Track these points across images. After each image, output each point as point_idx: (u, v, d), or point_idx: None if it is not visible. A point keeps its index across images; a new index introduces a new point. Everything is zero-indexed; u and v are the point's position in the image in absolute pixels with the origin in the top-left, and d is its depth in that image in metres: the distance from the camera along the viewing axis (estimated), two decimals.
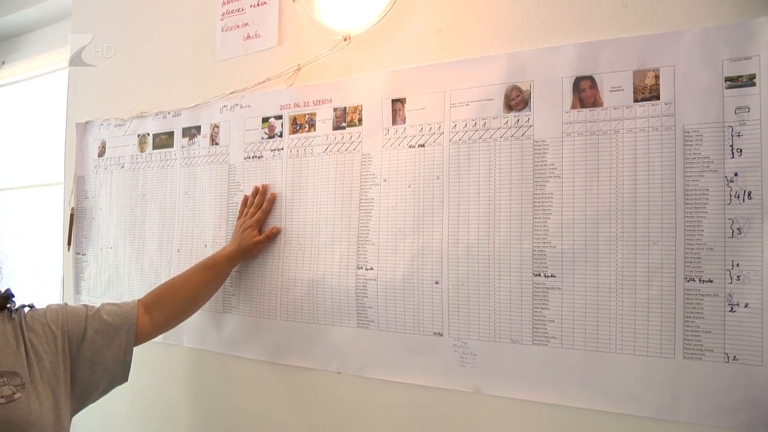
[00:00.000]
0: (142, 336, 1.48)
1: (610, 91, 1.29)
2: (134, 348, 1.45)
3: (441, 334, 1.45)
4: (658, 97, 1.24)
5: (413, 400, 1.49)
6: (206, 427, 1.89)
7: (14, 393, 1.18)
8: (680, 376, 1.20)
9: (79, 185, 2.29)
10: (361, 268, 1.57)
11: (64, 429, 1.30)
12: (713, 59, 1.19)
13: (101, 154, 2.23)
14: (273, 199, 1.73)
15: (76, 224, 2.29)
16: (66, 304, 1.42)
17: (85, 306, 1.44)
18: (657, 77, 1.24)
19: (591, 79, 1.31)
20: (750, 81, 1.16)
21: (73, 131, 2.33)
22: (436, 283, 1.46)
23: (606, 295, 1.27)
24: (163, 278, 1.97)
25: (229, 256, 1.66)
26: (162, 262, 2.00)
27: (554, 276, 1.33)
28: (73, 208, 2.29)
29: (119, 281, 2.12)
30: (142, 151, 2.11)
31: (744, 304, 1.15)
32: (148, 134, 2.09)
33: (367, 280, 1.56)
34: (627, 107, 1.27)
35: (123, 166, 2.16)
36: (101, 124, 2.24)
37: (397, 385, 1.51)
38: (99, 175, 2.23)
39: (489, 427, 1.40)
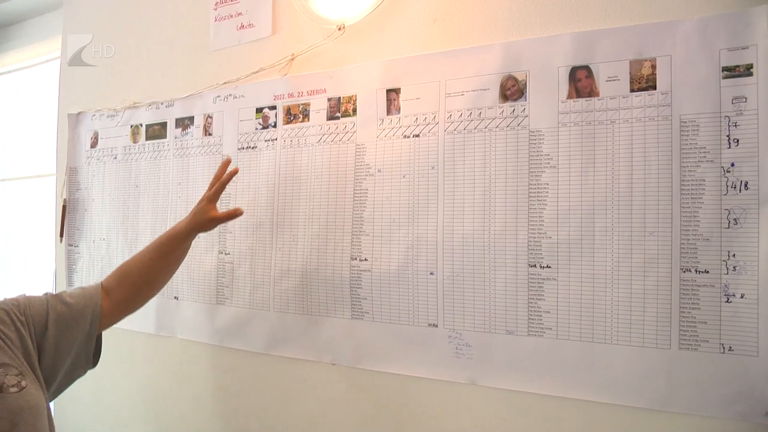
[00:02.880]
0: (109, 318, 1.40)
1: (607, 80, 1.28)
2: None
3: (436, 326, 1.44)
4: (654, 87, 1.24)
5: (408, 391, 1.49)
6: (199, 419, 1.88)
7: (20, 381, 1.14)
8: (676, 366, 1.19)
9: (72, 176, 2.28)
10: (356, 259, 1.56)
11: (50, 410, 1.25)
12: (710, 49, 1.19)
13: (94, 145, 2.21)
14: (234, 172, 1.55)
15: (68, 216, 2.27)
16: (24, 294, 1.38)
17: (46, 293, 1.37)
18: (654, 67, 1.24)
19: (587, 68, 1.30)
20: (747, 71, 1.16)
21: (65, 122, 2.31)
22: (431, 274, 1.45)
23: (602, 285, 1.27)
24: None
25: (182, 231, 1.50)
26: None
27: (550, 267, 1.32)
28: (65, 200, 2.28)
29: None
30: (134, 142, 2.09)
31: (740, 295, 1.15)
32: (141, 125, 2.08)
33: (361, 271, 1.55)
34: (623, 97, 1.26)
35: (116, 157, 2.14)
36: (93, 115, 2.22)
37: (391, 377, 1.51)
38: (91, 166, 2.22)
39: (484, 419, 1.40)
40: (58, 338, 1.30)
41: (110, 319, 1.41)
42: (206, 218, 1.51)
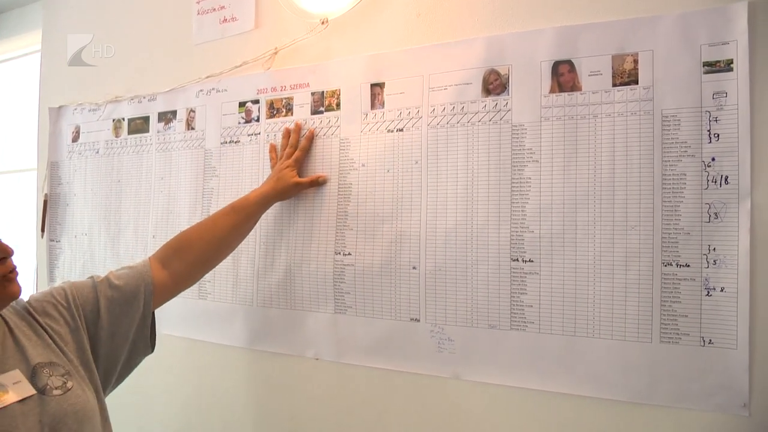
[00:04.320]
0: (162, 294, 1.33)
1: (589, 75, 1.29)
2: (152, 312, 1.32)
3: (418, 320, 1.44)
4: (636, 82, 1.24)
5: (391, 386, 1.49)
6: (183, 414, 1.88)
7: (65, 383, 1.07)
8: (657, 360, 1.20)
9: (53, 171, 2.25)
10: (339, 253, 1.56)
11: (105, 410, 1.19)
12: (691, 44, 1.19)
13: (75, 139, 2.19)
14: (311, 136, 1.60)
15: (49, 211, 2.25)
16: (70, 281, 1.29)
17: (91, 277, 1.28)
18: (636, 62, 1.24)
19: (570, 63, 1.30)
20: (727, 66, 1.17)
21: (46, 116, 2.29)
22: (414, 268, 1.45)
23: (584, 279, 1.27)
24: None
25: (263, 196, 1.50)
26: (137, 248, 1.97)
27: (532, 261, 1.32)
28: (46, 195, 2.26)
29: (94, 268, 2.09)
30: (117, 136, 2.08)
31: (720, 288, 1.16)
32: (123, 119, 2.06)
33: (344, 265, 1.55)
34: (605, 91, 1.27)
35: (98, 152, 2.12)
36: (75, 109, 2.20)
37: (374, 371, 1.51)
38: (73, 160, 2.20)
39: (467, 413, 1.40)
40: (113, 325, 1.23)
41: (164, 295, 1.35)
42: (290, 183, 1.54)
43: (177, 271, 1.36)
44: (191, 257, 1.39)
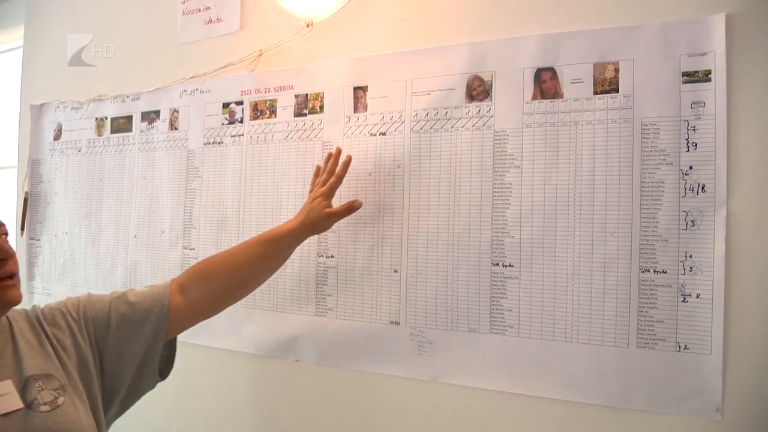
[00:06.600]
0: (178, 320, 1.22)
1: (571, 83, 1.30)
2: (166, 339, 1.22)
3: (397, 323, 1.45)
4: (617, 90, 1.26)
5: (370, 388, 1.49)
6: (163, 416, 1.86)
7: (56, 398, 1.01)
8: (633, 365, 1.22)
9: (34, 169, 2.24)
10: (322, 255, 1.56)
11: (103, 428, 1.12)
12: (671, 54, 1.21)
13: (57, 137, 2.18)
14: (348, 162, 1.44)
15: (29, 209, 2.23)
16: (89, 293, 1.21)
17: (112, 292, 1.21)
18: (617, 70, 1.26)
19: (552, 70, 1.32)
20: (706, 76, 1.19)
21: (27, 113, 2.27)
22: (395, 271, 1.46)
23: (563, 284, 1.29)
24: (120, 265, 1.95)
25: (293, 230, 1.36)
26: (118, 248, 1.96)
27: (512, 265, 1.34)
28: (26, 192, 2.24)
29: (74, 267, 2.08)
30: (99, 135, 2.07)
31: (696, 295, 1.18)
32: (106, 118, 2.05)
33: (327, 267, 1.55)
34: (587, 99, 1.28)
35: (80, 150, 2.11)
36: (57, 107, 2.19)
37: (354, 374, 1.51)
38: (54, 158, 2.18)
39: (446, 415, 1.41)
40: (122, 343, 1.16)
41: (181, 322, 1.23)
42: (323, 215, 1.38)
43: (195, 299, 1.25)
44: (211, 286, 1.27)
